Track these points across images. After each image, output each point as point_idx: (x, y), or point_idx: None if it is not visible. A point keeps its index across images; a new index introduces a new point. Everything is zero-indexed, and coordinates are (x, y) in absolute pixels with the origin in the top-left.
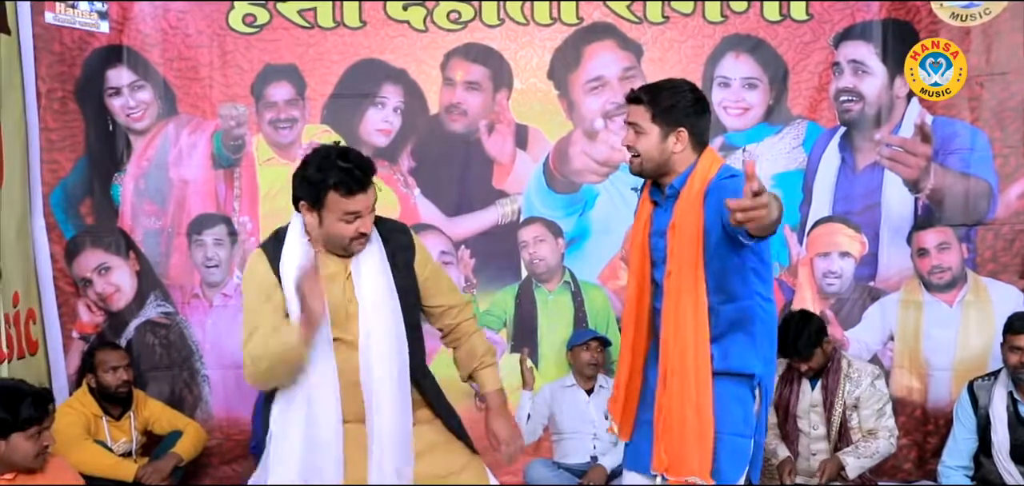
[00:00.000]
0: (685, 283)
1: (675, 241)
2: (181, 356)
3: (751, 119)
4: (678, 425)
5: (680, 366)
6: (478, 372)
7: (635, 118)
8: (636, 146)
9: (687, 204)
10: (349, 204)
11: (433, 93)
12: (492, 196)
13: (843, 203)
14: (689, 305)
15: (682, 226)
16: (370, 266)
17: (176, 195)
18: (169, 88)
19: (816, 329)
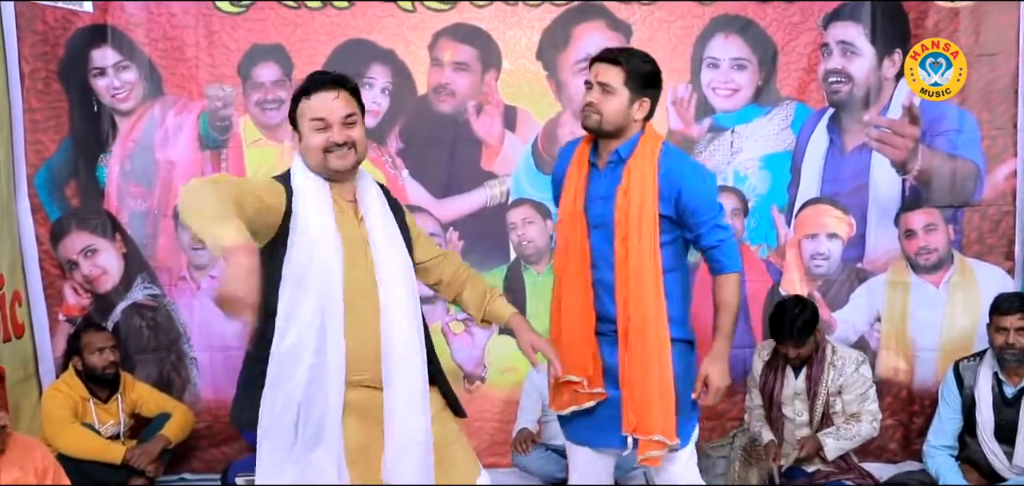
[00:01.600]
0: (645, 247)
1: (629, 205)
2: (169, 339)
3: (740, 100)
4: (641, 387)
5: (642, 329)
6: (491, 304)
7: (607, 78)
8: (601, 106)
9: (642, 170)
10: (313, 108)
11: (421, 74)
12: (480, 177)
13: (831, 184)
14: (649, 270)
15: (639, 191)
16: (377, 212)
17: (162, 177)
18: (155, 68)
19: (812, 317)
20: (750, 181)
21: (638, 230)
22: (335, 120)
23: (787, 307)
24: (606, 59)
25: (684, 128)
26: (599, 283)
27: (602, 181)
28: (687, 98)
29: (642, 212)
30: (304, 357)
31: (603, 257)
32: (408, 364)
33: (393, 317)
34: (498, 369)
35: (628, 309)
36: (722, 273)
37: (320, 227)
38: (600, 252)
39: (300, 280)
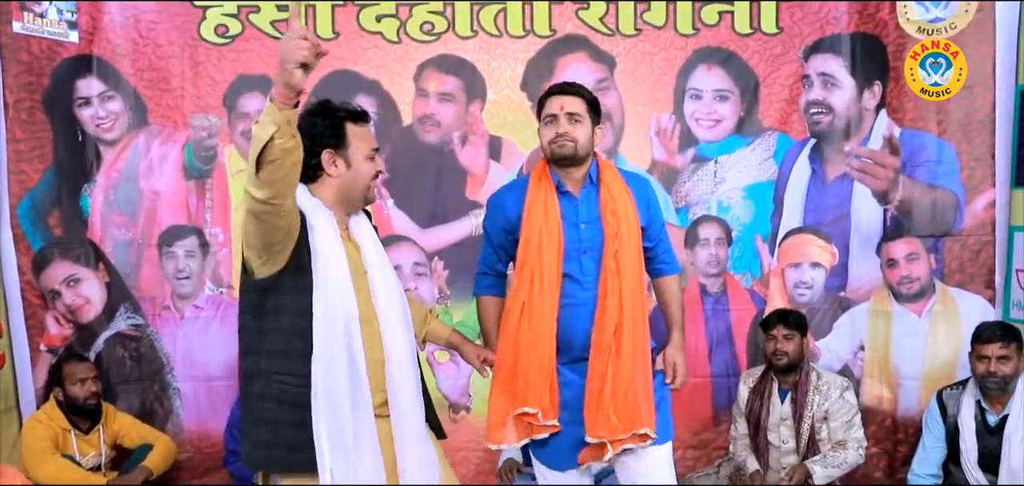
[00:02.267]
0: (636, 260)
1: (619, 223)
2: (151, 369)
3: (723, 131)
4: (628, 389)
5: (632, 337)
6: (431, 324)
7: (575, 108)
8: (574, 134)
9: (619, 188)
10: (369, 137)
11: (406, 104)
12: (465, 207)
13: (814, 214)
14: (639, 281)
15: (624, 208)
16: (370, 240)
17: (147, 206)
18: (140, 98)
19: (803, 319)
20: (733, 211)
21: (630, 245)
22: (378, 151)
23: (773, 313)
24: (567, 91)
25: (668, 158)
26: (568, 308)
27: (582, 207)
28: (670, 129)
29: (630, 226)
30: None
31: (587, 279)
32: (411, 390)
33: (394, 344)
34: (483, 398)
35: (622, 317)
36: (673, 273)
37: (335, 260)
38: (584, 274)
39: (330, 319)
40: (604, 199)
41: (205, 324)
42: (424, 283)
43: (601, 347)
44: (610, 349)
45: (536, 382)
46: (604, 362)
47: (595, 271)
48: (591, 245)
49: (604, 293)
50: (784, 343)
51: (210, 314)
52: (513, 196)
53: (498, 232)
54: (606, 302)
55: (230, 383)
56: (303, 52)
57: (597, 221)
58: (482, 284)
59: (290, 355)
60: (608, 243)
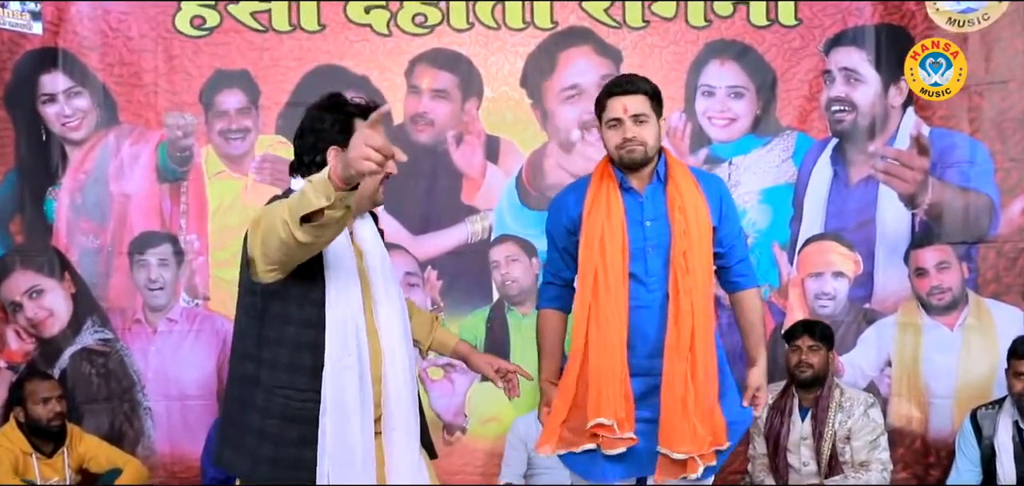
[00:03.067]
0: (706, 260)
1: (688, 221)
2: (121, 387)
3: (737, 130)
4: (709, 399)
5: (705, 343)
6: (437, 332)
7: (641, 108)
8: (642, 136)
9: (688, 185)
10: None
11: (397, 102)
12: (461, 212)
13: (836, 219)
14: (706, 282)
15: (693, 206)
16: (374, 244)
17: (117, 211)
18: (109, 95)
19: (829, 331)
20: (749, 216)
21: (699, 242)
22: None
23: (797, 323)
24: (630, 91)
25: (678, 159)
26: (633, 311)
27: (648, 204)
28: (681, 128)
29: (700, 225)
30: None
31: (652, 280)
32: (407, 408)
33: (393, 358)
34: (480, 419)
35: (694, 321)
36: (753, 286)
37: (347, 272)
38: (649, 275)
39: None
40: (671, 195)
41: (179, 339)
42: (416, 294)
43: (679, 352)
44: (688, 355)
45: (610, 391)
46: (683, 368)
47: (661, 271)
48: (657, 243)
49: (676, 293)
50: (809, 355)
51: (185, 328)
52: (575, 195)
53: (561, 233)
54: (678, 302)
55: (206, 403)
56: (370, 167)
57: (663, 218)
58: (546, 295)
59: (295, 369)
60: (676, 241)
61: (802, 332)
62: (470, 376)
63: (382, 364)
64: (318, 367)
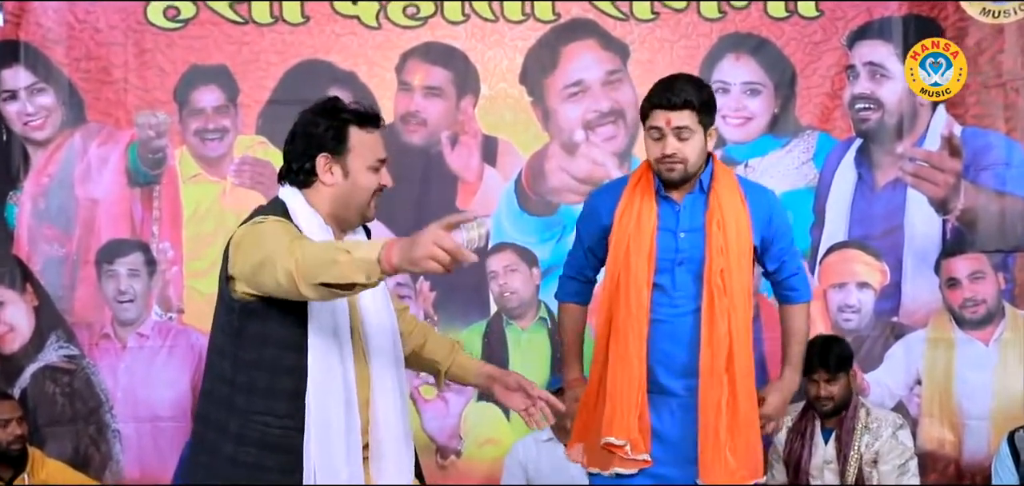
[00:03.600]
0: (745, 280)
1: (726, 236)
2: (87, 408)
3: (754, 130)
4: (747, 430)
5: (745, 370)
6: (458, 358)
7: (684, 122)
8: (683, 153)
9: (731, 198)
10: (376, 146)
11: (387, 100)
12: None
13: (860, 226)
14: (745, 305)
15: (734, 220)
16: None
17: (83, 217)
18: (76, 92)
19: (846, 353)
20: None
21: (737, 261)
22: (385, 163)
23: (816, 341)
24: (675, 105)
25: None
26: (653, 324)
27: (684, 214)
28: None
29: (739, 241)
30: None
31: (680, 294)
32: (397, 437)
33: (383, 383)
34: (476, 441)
35: (732, 347)
36: (800, 301)
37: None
38: (677, 288)
39: (327, 354)
40: (711, 207)
41: (151, 355)
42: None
43: (713, 377)
44: (723, 379)
45: (625, 409)
46: (717, 395)
47: (691, 287)
48: (689, 257)
49: (710, 314)
50: (827, 387)
51: (157, 343)
52: (612, 197)
53: (591, 233)
54: (714, 326)
55: (180, 424)
56: (435, 268)
57: (700, 231)
58: (567, 289)
59: (274, 393)
60: (712, 258)
61: (818, 366)
62: (465, 395)
63: (370, 388)
64: (300, 391)
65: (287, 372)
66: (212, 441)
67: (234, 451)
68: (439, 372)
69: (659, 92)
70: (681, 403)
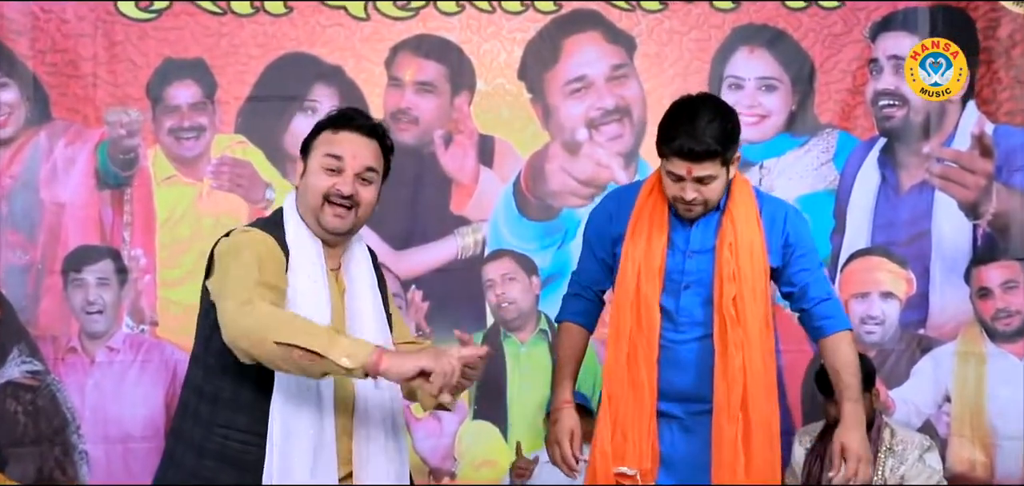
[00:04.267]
0: (760, 308)
1: (739, 260)
2: (52, 427)
3: (769, 128)
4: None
5: (763, 409)
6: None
7: (707, 171)
8: (704, 195)
9: (747, 218)
10: (334, 141)
11: (376, 96)
12: (450, 224)
13: (884, 232)
14: (764, 333)
15: (748, 243)
16: (364, 284)
17: (49, 222)
18: (41, 87)
19: (867, 371)
20: None
21: (752, 287)
22: (352, 167)
23: None
24: (696, 156)
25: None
26: (669, 351)
27: (695, 233)
28: None
29: (753, 266)
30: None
31: (683, 319)
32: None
33: (369, 411)
34: (471, 462)
35: (747, 382)
36: (838, 331)
37: (313, 296)
38: (681, 313)
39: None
40: (724, 228)
41: (121, 370)
42: None
43: (729, 412)
44: (739, 416)
45: (636, 435)
46: (734, 431)
47: (698, 313)
48: (697, 280)
49: (723, 346)
50: None
51: (128, 358)
52: (626, 204)
53: (603, 243)
54: (727, 357)
55: (153, 445)
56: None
57: (710, 252)
58: (571, 308)
59: (238, 405)
60: (723, 284)
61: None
62: (460, 414)
63: (353, 414)
64: (264, 403)
65: (250, 383)
66: (179, 454)
67: (195, 464)
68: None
69: (680, 138)
70: (682, 425)
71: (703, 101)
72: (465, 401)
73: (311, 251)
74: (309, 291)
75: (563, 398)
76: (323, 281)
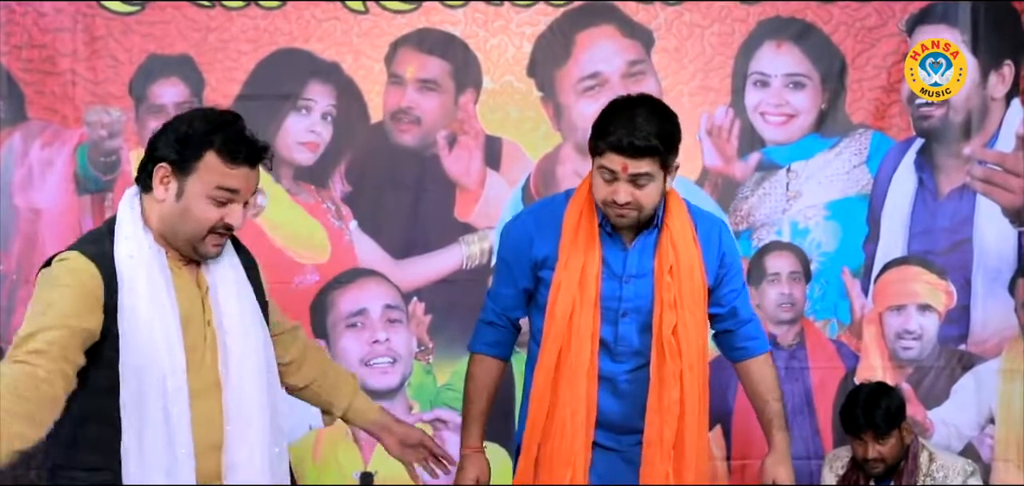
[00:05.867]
0: (697, 338)
1: (681, 284)
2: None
3: (797, 129)
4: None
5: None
6: (357, 401)
7: (644, 169)
8: (639, 200)
9: (685, 237)
10: (229, 175)
11: (375, 94)
12: (454, 231)
13: (922, 240)
14: (701, 364)
15: (688, 264)
16: (228, 279)
17: (24, 230)
18: (15, 84)
19: (897, 404)
20: (813, 235)
21: (693, 314)
22: (244, 197)
23: (859, 393)
24: (636, 152)
25: (723, 166)
26: (605, 382)
27: (632, 255)
28: (727, 127)
29: (694, 292)
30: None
31: (622, 349)
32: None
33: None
34: None
35: (684, 415)
36: (762, 352)
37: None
38: (619, 343)
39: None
40: (663, 248)
41: None
42: (398, 332)
43: (661, 448)
44: (670, 454)
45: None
46: (664, 469)
47: (635, 342)
48: (634, 307)
49: (660, 380)
50: (876, 448)
51: None
52: (550, 226)
53: (524, 269)
54: (663, 391)
55: None
56: None
57: (648, 276)
58: (484, 337)
59: (80, 444)
60: (663, 311)
61: (865, 425)
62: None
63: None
64: (114, 439)
65: (95, 419)
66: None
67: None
68: (333, 413)
69: (617, 132)
70: (623, 457)
71: (644, 99)
72: None
73: (152, 259)
74: (148, 307)
75: (470, 442)
76: (167, 290)
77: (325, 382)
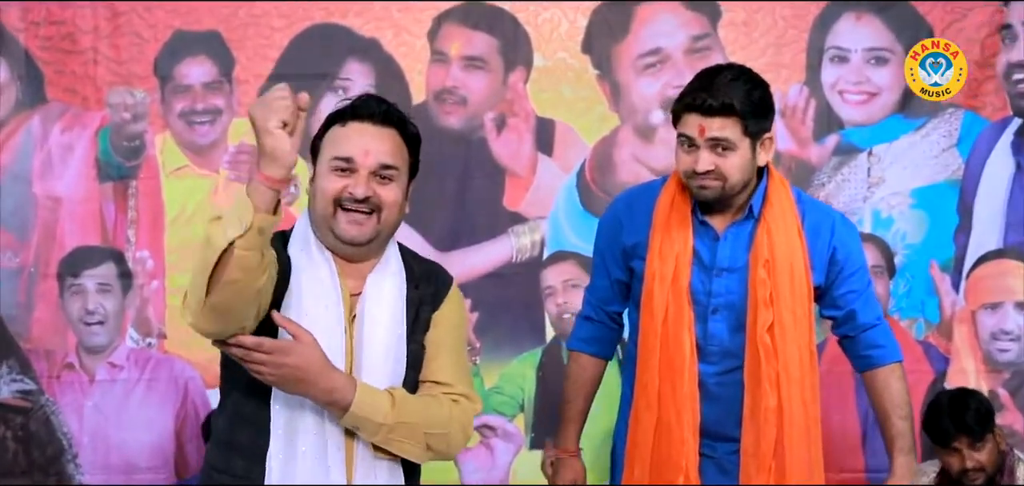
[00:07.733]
0: (799, 337)
1: (777, 280)
2: (46, 456)
3: (879, 109)
4: None
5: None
6: None
7: (724, 132)
8: (722, 169)
9: (786, 228)
10: (341, 140)
11: (417, 74)
12: (503, 221)
13: (1020, 230)
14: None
15: (787, 259)
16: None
17: (43, 219)
18: (34, 64)
19: (986, 406)
20: (897, 226)
21: (792, 313)
22: (366, 164)
23: (943, 400)
24: (710, 109)
25: (798, 149)
26: (705, 386)
27: (724, 246)
28: (802, 106)
29: (794, 289)
30: None
31: (712, 347)
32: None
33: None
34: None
35: (783, 423)
36: (888, 362)
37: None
38: (709, 341)
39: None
40: (758, 242)
41: (125, 390)
42: None
43: (758, 460)
44: (771, 465)
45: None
46: (763, 479)
47: (728, 341)
48: (725, 303)
49: (756, 384)
50: (974, 455)
51: (133, 375)
52: (642, 212)
53: (614, 255)
54: (759, 397)
55: (160, 476)
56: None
57: (741, 271)
58: (580, 333)
59: (232, 447)
60: (757, 308)
61: (956, 432)
62: (515, 442)
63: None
64: (260, 450)
65: (247, 422)
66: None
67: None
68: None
69: (692, 89)
70: (718, 465)
71: (732, 65)
72: (520, 428)
73: (321, 268)
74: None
75: (566, 445)
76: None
77: None
